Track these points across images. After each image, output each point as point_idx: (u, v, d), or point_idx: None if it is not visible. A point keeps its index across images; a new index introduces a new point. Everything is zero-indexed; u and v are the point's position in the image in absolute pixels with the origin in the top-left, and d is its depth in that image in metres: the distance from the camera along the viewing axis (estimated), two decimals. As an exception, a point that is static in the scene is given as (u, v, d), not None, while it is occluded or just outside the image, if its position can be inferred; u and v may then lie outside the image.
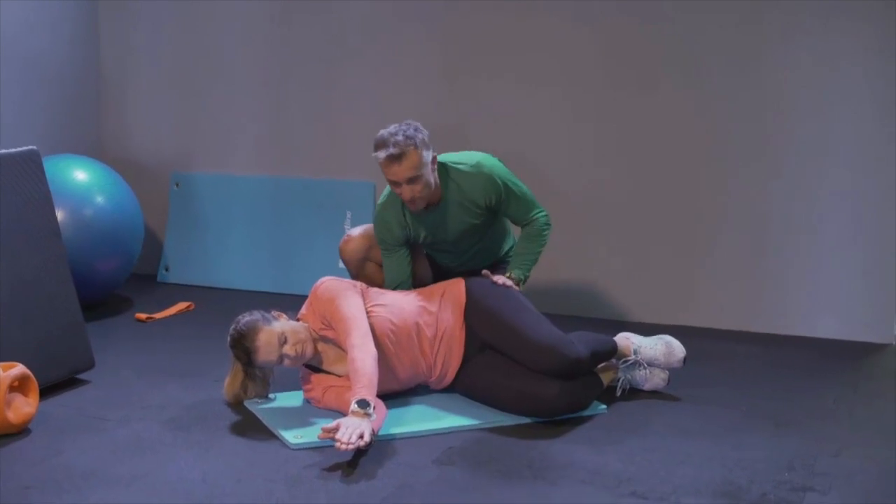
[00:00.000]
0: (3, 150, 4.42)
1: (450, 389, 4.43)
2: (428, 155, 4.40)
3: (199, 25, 6.41)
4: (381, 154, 4.36)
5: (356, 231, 4.88)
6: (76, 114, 6.47)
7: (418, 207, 4.47)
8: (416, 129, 4.40)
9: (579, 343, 4.25)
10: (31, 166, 4.47)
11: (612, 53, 5.64)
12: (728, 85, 5.47)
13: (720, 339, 5.38)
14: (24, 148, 4.49)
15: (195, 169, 6.51)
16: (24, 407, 4.00)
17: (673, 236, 5.65)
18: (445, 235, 4.61)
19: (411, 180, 4.38)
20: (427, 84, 5.98)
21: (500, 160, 4.66)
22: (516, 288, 4.53)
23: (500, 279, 4.51)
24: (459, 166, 4.56)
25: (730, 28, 5.43)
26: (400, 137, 4.36)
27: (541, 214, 4.67)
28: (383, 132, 4.42)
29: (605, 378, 4.42)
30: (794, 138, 5.41)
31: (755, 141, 5.47)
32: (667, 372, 4.51)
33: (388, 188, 4.61)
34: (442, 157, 4.55)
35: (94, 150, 6.49)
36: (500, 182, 4.56)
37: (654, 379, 4.50)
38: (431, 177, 4.44)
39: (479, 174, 4.55)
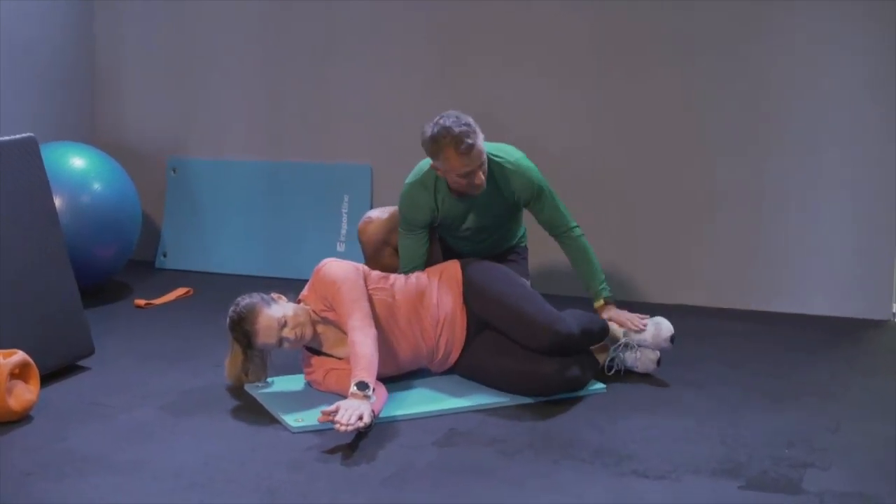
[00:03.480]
0: (0, 138, 4.41)
1: (449, 371, 4.44)
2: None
3: (194, 10, 6.40)
4: (458, 149, 4.30)
5: (376, 213, 4.86)
6: (72, 101, 6.47)
7: (482, 190, 4.45)
8: (465, 116, 4.38)
9: (572, 320, 4.27)
10: (28, 153, 4.46)
11: (609, 36, 5.64)
12: (722, 64, 5.48)
13: (717, 318, 5.39)
14: (21, 135, 4.48)
15: (192, 154, 6.51)
16: (25, 394, 4.01)
17: (668, 215, 5.66)
18: (471, 223, 4.62)
19: (482, 164, 4.38)
20: (422, 67, 5.98)
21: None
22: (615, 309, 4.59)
23: (622, 321, 4.52)
24: (499, 160, 4.55)
25: (725, 4, 5.43)
26: (463, 128, 4.31)
27: (576, 228, 4.65)
28: (438, 127, 4.34)
29: (600, 359, 4.44)
30: (788, 116, 5.41)
31: (750, 119, 5.47)
32: (657, 353, 4.49)
33: (419, 169, 4.57)
34: None
35: (90, 136, 6.49)
36: (535, 184, 4.57)
37: (644, 361, 4.49)
38: None
39: (517, 171, 4.55)
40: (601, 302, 4.62)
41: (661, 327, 4.52)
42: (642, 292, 5.65)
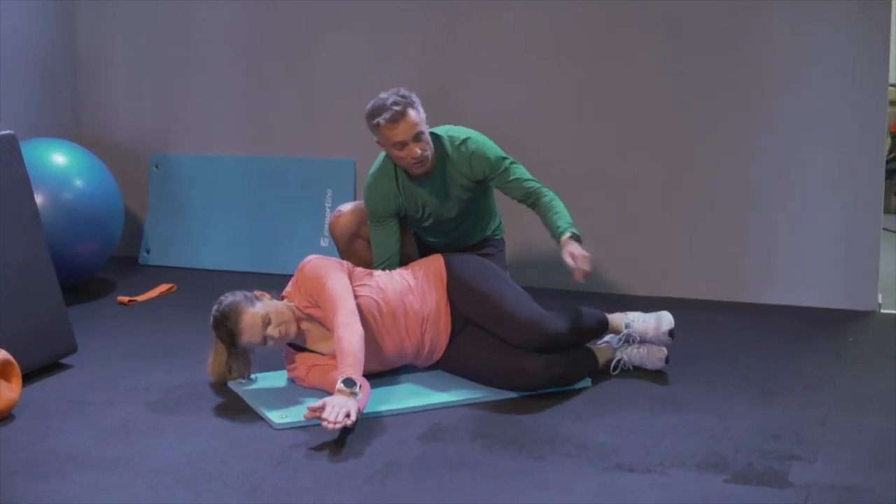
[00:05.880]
0: (-20, 135, 4.39)
1: (434, 366, 4.42)
2: (423, 114, 4.43)
3: (176, 4, 6.37)
4: (383, 117, 4.35)
5: (346, 207, 4.85)
6: (53, 96, 6.44)
7: (425, 167, 4.46)
8: (406, 91, 4.44)
9: (561, 318, 4.24)
10: (8, 150, 4.43)
11: (600, 25, 5.63)
12: (711, 57, 5.47)
13: (703, 310, 5.38)
14: (1, 132, 4.45)
15: (175, 150, 6.48)
16: (7, 393, 3.98)
17: (655, 208, 5.65)
18: (437, 207, 4.59)
19: (417, 137, 4.38)
20: (407, 59, 5.96)
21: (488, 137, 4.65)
22: (580, 246, 4.38)
23: (575, 254, 4.32)
24: (452, 138, 4.56)
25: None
26: (396, 98, 4.39)
27: (543, 188, 4.57)
28: (375, 101, 4.42)
29: (603, 356, 4.41)
30: (775, 109, 5.41)
31: (737, 113, 5.47)
32: (664, 351, 4.45)
33: (378, 160, 4.59)
34: (433, 129, 4.55)
35: (71, 132, 6.45)
36: (491, 156, 4.55)
37: (653, 360, 4.45)
38: (430, 138, 4.46)
39: (469, 147, 4.54)
40: (566, 236, 4.41)
41: (662, 320, 4.47)
42: (629, 285, 5.64)
